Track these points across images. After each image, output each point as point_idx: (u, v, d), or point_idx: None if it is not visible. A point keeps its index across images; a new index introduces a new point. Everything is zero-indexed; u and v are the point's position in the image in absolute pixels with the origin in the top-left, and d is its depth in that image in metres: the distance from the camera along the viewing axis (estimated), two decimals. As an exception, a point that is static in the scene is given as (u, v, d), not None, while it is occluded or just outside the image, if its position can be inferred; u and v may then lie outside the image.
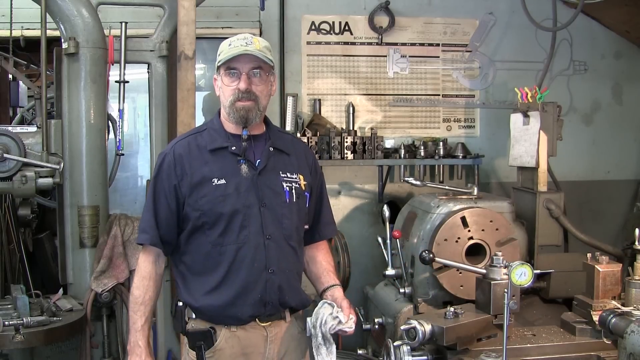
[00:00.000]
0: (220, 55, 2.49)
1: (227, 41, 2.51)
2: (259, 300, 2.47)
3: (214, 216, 2.45)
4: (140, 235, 2.54)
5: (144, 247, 2.56)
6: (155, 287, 2.53)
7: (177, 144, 2.55)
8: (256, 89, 2.47)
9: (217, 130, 2.56)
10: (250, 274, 2.46)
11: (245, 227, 2.46)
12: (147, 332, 2.50)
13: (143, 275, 2.52)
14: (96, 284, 3.62)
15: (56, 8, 3.61)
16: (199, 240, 2.49)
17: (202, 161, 2.49)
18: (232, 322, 2.48)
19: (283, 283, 2.52)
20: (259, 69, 2.47)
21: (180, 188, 2.47)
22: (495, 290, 2.68)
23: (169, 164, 2.50)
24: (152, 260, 2.53)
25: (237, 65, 2.45)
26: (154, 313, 2.67)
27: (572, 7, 4.49)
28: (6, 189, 3.47)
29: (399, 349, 2.59)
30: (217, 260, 2.46)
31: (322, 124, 4.81)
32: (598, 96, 5.23)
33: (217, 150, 2.52)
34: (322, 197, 2.78)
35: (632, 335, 2.29)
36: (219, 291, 2.46)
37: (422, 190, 4.02)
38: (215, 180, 2.46)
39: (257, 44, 2.47)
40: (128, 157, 4.51)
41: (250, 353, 2.50)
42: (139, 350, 2.47)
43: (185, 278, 2.54)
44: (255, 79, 2.47)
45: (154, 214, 2.50)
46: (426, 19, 5.03)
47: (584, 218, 4.78)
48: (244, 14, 4.72)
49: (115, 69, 3.94)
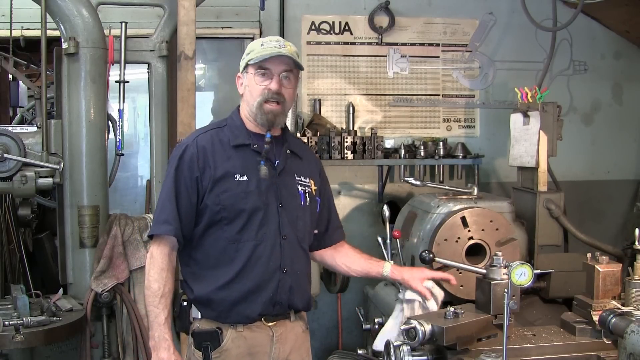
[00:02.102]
0: (250, 54, 2.49)
1: (259, 41, 2.52)
2: (269, 300, 2.48)
3: (235, 212, 2.45)
4: (162, 226, 2.46)
5: (158, 239, 2.48)
6: (172, 279, 2.49)
7: (200, 137, 2.53)
8: (285, 91, 2.49)
9: (239, 127, 2.57)
10: (265, 272, 2.47)
11: (264, 225, 2.47)
12: (170, 325, 2.46)
13: (161, 267, 2.45)
14: (96, 284, 3.61)
15: (56, 8, 3.61)
16: (215, 235, 2.47)
17: (225, 156, 2.49)
18: (240, 319, 2.47)
19: (294, 284, 2.54)
20: (289, 72, 2.49)
21: (202, 181, 2.45)
22: (495, 290, 2.68)
23: (191, 156, 2.47)
24: (168, 252, 2.48)
25: (270, 65, 2.46)
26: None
27: (572, 7, 4.49)
28: (6, 189, 3.47)
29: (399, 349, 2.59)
30: (232, 256, 2.46)
31: (322, 124, 4.81)
32: (598, 96, 5.23)
33: (239, 147, 2.52)
34: (330, 202, 2.83)
35: (632, 335, 2.29)
36: (231, 286, 2.46)
37: (422, 190, 4.02)
38: (237, 176, 2.47)
39: (289, 47, 2.49)
40: (128, 157, 4.51)
41: (256, 353, 2.50)
42: (166, 344, 2.41)
43: (196, 274, 2.52)
44: (285, 81, 2.49)
45: (177, 205, 2.45)
46: (426, 19, 5.04)
47: (584, 218, 4.78)
48: (244, 14, 4.72)
49: (115, 69, 3.93)
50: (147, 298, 2.47)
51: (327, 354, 4.58)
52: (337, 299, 4.83)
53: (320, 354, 4.81)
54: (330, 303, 4.85)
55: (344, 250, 2.86)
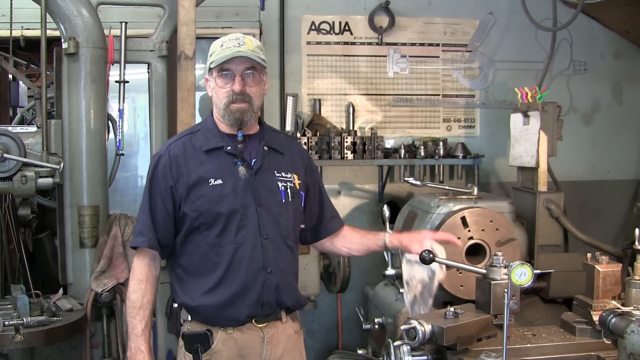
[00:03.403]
0: (212, 56, 2.47)
1: (219, 41, 2.49)
2: (256, 301, 2.47)
3: (212, 217, 2.44)
4: (137, 238, 2.50)
5: (138, 250, 2.51)
6: (152, 289, 2.50)
7: (172, 145, 2.54)
8: (250, 90, 2.46)
9: (211, 130, 2.55)
10: (248, 274, 2.46)
11: (242, 227, 2.46)
12: (147, 336, 2.48)
13: (139, 278, 2.48)
14: (96, 284, 3.62)
15: (56, 8, 3.61)
16: (196, 241, 2.48)
17: (197, 162, 2.48)
18: (228, 323, 2.47)
19: (280, 283, 2.52)
20: (253, 70, 2.46)
21: (177, 189, 2.46)
22: (495, 290, 2.68)
23: (164, 165, 2.48)
24: (147, 262, 2.50)
25: (231, 66, 2.44)
26: (153, 313, 2.64)
27: (572, 7, 4.49)
28: (6, 189, 3.47)
29: (399, 349, 2.59)
30: (215, 260, 2.45)
31: (322, 124, 4.81)
32: (598, 96, 5.23)
33: (212, 151, 2.51)
34: (321, 193, 2.79)
35: (632, 335, 2.29)
36: (216, 291, 2.45)
37: (422, 190, 4.02)
38: (212, 180, 2.45)
39: (249, 44, 2.45)
40: (128, 157, 4.51)
41: (247, 355, 2.49)
42: (141, 356, 2.44)
43: (182, 279, 2.53)
44: (249, 79, 2.46)
45: (151, 215, 2.47)
46: (426, 19, 5.03)
47: (584, 218, 4.78)
48: (244, 14, 4.72)
49: (115, 69, 3.93)
50: (127, 309, 2.51)
51: (327, 354, 4.58)
52: (337, 299, 4.83)
53: (320, 354, 4.81)
54: (330, 303, 4.85)
55: (342, 234, 2.84)
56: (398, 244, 2.73)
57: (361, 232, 2.88)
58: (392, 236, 2.76)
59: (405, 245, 2.70)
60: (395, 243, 2.73)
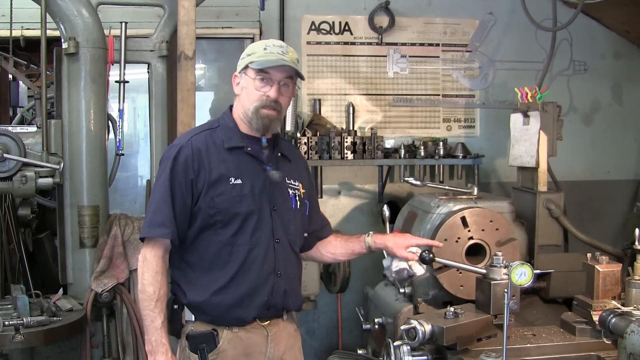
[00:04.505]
0: (252, 56, 2.45)
1: (261, 44, 2.48)
2: (264, 304, 2.48)
3: (229, 216, 2.43)
4: (156, 229, 2.41)
5: (152, 241, 2.44)
6: (166, 283, 2.46)
7: (194, 138, 2.49)
8: (283, 99, 2.47)
9: (232, 129, 2.54)
10: (259, 276, 2.46)
11: (258, 229, 2.46)
12: (167, 329, 2.44)
13: (156, 270, 2.41)
14: (96, 284, 3.62)
15: (56, 8, 3.61)
16: (209, 238, 2.45)
17: (219, 158, 2.46)
18: (235, 323, 2.47)
19: (288, 287, 2.54)
20: (289, 80, 2.47)
21: (197, 184, 2.42)
22: (495, 290, 2.68)
23: (186, 158, 2.43)
24: (162, 255, 2.44)
25: (272, 72, 2.43)
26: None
27: (572, 7, 4.49)
28: (6, 189, 3.47)
29: (399, 349, 2.59)
30: (226, 260, 2.44)
31: (322, 124, 4.81)
32: (598, 96, 5.23)
33: (233, 149, 2.49)
34: (316, 201, 2.83)
35: (632, 335, 2.29)
36: (226, 291, 2.44)
37: (422, 190, 4.01)
38: (232, 179, 2.44)
39: (291, 54, 2.47)
40: (128, 157, 4.51)
41: (252, 353, 2.50)
42: (163, 348, 2.39)
43: (188, 277, 2.50)
44: (284, 89, 2.47)
45: (172, 207, 2.40)
46: (426, 19, 5.03)
47: (584, 218, 4.78)
48: (244, 14, 4.72)
49: (115, 69, 3.94)
50: (141, 302, 2.44)
51: (327, 354, 4.58)
52: (337, 299, 4.83)
53: (320, 354, 4.81)
54: (330, 303, 4.85)
55: (326, 240, 2.84)
56: (382, 246, 2.73)
57: (344, 236, 2.89)
58: (376, 237, 2.75)
59: (390, 248, 2.71)
60: (379, 244, 2.73)
